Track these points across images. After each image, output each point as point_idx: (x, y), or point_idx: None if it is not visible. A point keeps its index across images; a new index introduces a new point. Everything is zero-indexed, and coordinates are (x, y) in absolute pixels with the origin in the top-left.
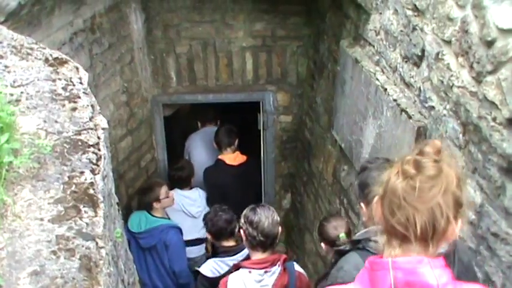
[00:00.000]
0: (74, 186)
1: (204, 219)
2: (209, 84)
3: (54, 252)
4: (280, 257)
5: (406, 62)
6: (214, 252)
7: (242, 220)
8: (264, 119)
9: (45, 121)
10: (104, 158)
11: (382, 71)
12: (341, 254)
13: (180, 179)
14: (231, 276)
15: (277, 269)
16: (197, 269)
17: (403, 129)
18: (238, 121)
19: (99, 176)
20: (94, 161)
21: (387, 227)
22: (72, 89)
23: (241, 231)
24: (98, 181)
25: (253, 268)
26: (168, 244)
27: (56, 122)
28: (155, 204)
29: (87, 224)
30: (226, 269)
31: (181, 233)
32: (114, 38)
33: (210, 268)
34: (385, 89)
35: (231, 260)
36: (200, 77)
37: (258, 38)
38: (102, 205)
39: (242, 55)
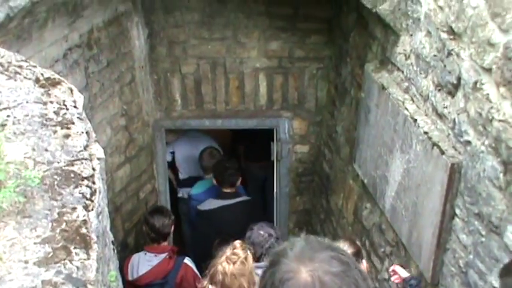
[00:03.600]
0: (64, 224)
1: (213, 166)
2: (218, 108)
3: None
4: (169, 248)
5: (439, 90)
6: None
7: (144, 222)
8: (278, 148)
9: (33, 149)
10: (99, 192)
11: (412, 100)
12: None
13: None
14: (133, 255)
15: (164, 256)
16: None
17: (434, 165)
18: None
19: (93, 213)
20: (88, 196)
21: None
22: (65, 114)
23: (144, 228)
24: (91, 219)
25: (148, 251)
26: None
27: (46, 150)
28: None
29: (77, 267)
30: (215, 207)
31: None
32: (114, 55)
33: (206, 205)
34: (415, 120)
35: (223, 201)
36: (208, 100)
37: (274, 59)
38: (95, 246)
39: (255, 77)
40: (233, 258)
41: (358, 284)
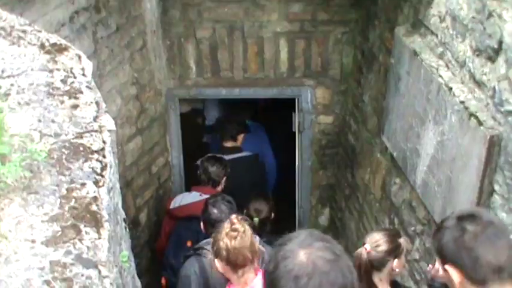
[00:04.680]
0: (73, 200)
1: (217, 120)
2: (235, 76)
3: (47, 282)
4: (214, 192)
5: (477, 55)
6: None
7: (200, 164)
8: (300, 119)
9: (39, 120)
10: (110, 167)
11: (447, 66)
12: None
13: None
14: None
15: (208, 196)
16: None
17: (471, 138)
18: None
19: (104, 189)
20: (98, 171)
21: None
22: (72, 82)
23: (198, 171)
24: (102, 195)
25: (194, 190)
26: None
27: (53, 121)
28: None
29: (88, 247)
30: None
31: None
32: (123, 19)
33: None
34: (450, 88)
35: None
36: (225, 67)
37: (295, 22)
38: (106, 224)
39: (275, 42)
40: (233, 235)
41: (345, 275)
